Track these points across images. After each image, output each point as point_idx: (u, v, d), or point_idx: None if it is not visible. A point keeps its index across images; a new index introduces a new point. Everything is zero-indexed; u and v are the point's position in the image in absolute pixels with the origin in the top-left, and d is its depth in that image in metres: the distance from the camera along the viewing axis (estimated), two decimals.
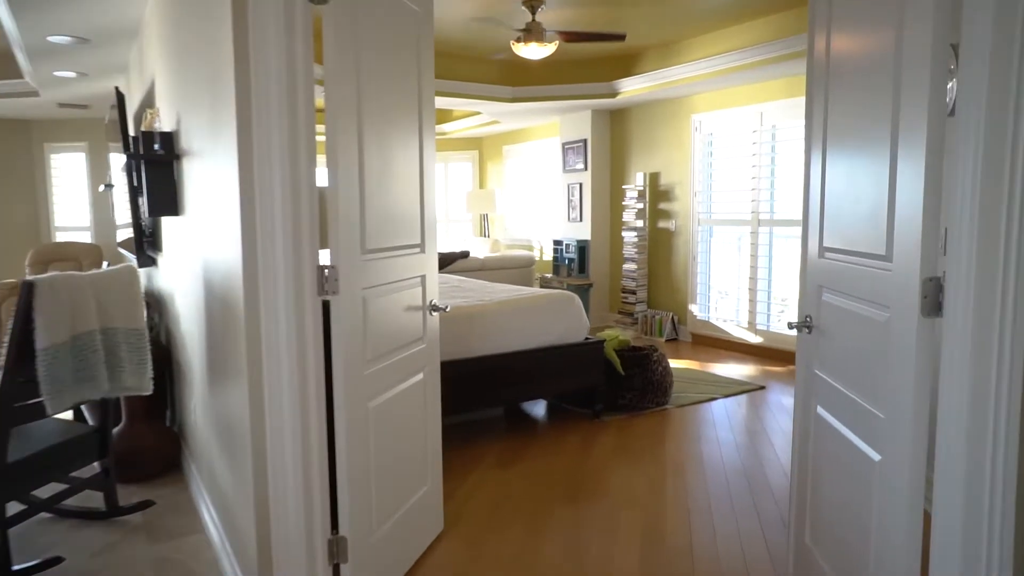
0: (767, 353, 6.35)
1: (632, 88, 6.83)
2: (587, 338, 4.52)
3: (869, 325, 1.77)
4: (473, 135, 10.24)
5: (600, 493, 3.38)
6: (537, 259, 9.38)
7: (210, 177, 2.36)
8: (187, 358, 3.21)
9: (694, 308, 7.11)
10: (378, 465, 2.35)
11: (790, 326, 2.27)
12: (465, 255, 7.81)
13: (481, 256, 8.04)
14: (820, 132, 2.14)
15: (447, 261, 7.59)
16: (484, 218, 10.09)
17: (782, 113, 6.11)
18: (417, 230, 2.61)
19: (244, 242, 1.96)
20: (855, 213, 1.86)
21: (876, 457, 1.72)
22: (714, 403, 4.94)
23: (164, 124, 3.35)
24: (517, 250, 9.07)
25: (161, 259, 4.02)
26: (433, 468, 2.82)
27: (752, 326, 6.51)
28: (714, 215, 6.95)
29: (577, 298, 4.50)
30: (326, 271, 2.03)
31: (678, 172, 7.21)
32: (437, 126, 9.94)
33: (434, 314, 2.75)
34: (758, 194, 6.37)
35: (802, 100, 5.95)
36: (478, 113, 9.02)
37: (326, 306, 2.08)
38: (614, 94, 7.05)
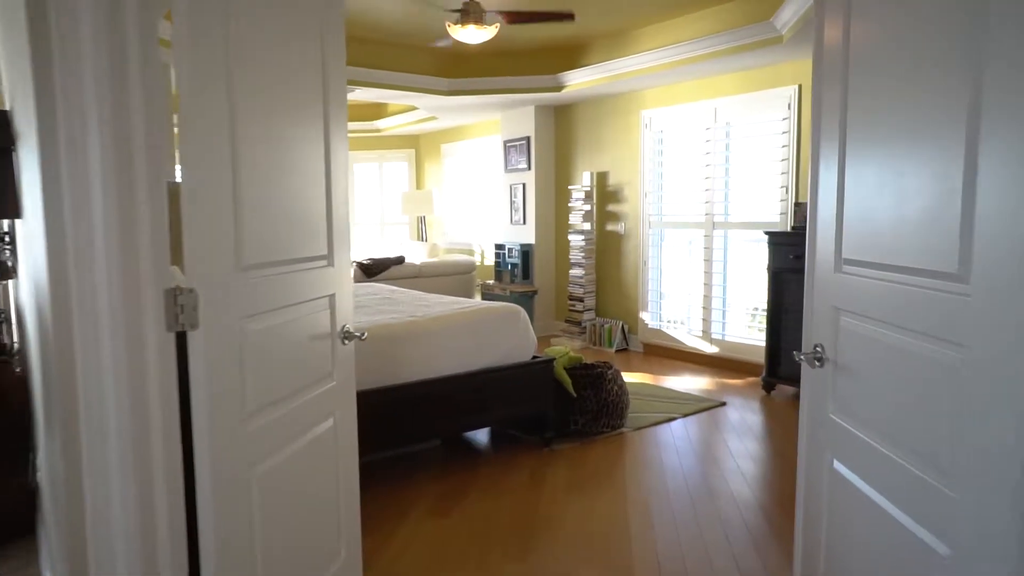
0: (724, 364, 5.98)
1: (578, 81, 6.37)
2: (535, 356, 4.01)
3: (926, 366, 1.31)
4: (409, 132, 9.65)
5: (555, 542, 2.87)
6: (478, 264, 8.85)
7: (28, 167, 1.74)
8: (35, 394, 2.55)
9: (645, 316, 6.70)
10: (268, 548, 1.77)
11: (797, 357, 1.80)
12: (400, 261, 7.23)
13: (418, 262, 7.47)
14: (835, 125, 1.69)
15: (380, 268, 6.99)
16: (422, 221, 9.50)
17: (737, 109, 5.75)
18: (323, 237, 2.05)
19: (50, 254, 1.36)
20: (898, 216, 1.40)
21: (943, 551, 1.26)
22: (673, 424, 4.50)
23: (6, 102, 2.68)
24: (457, 255, 8.52)
25: (21, 269, 3.32)
26: (349, 534, 2.26)
27: (707, 335, 6.13)
28: (665, 217, 6.56)
29: (523, 312, 3.98)
30: (179, 296, 1.45)
31: (627, 172, 6.80)
32: (370, 122, 9.31)
33: (348, 343, 2.19)
34: (712, 195, 5.99)
35: (758, 95, 5.62)
36: (414, 108, 8.45)
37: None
38: (559, 88, 6.58)
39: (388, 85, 6.35)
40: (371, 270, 6.88)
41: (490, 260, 8.53)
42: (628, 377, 5.59)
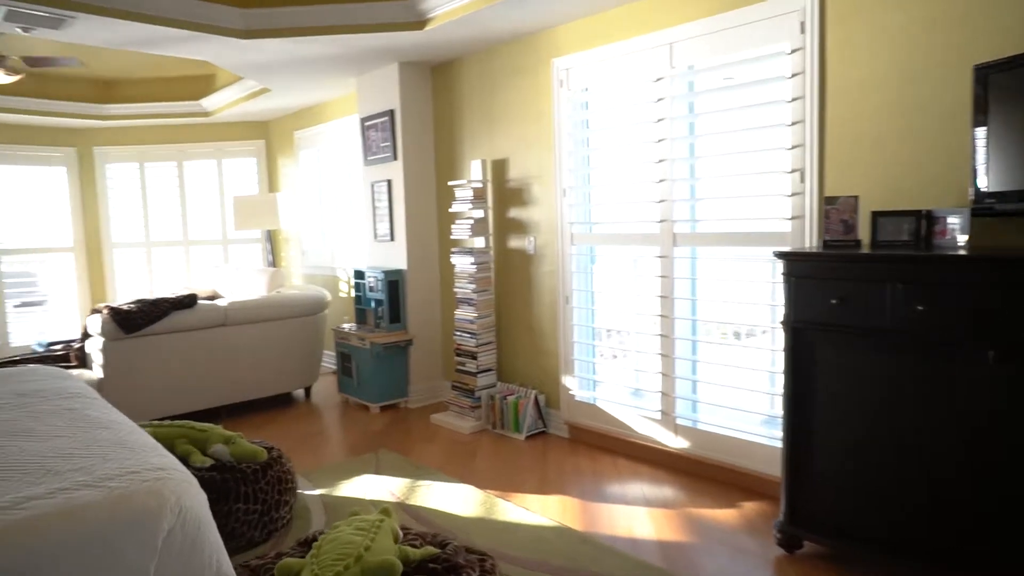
0: (699, 470, 3.58)
1: (450, 5, 3.91)
2: None
3: None
4: (252, 115, 7.04)
5: None
6: (336, 297, 6.31)
7: None
8: None
9: (571, 382, 4.27)
10: None
11: None
12: (189, 303, 4.61)
13: (225, 303, 4.86)
14: None
15: (148, 318, 4.36)
16: (268, 238, 6.90)
17: (707, 44, 3.38)
18: None
19: None
20: None
21: None
22: None
23: None
24: (310, 288, 5.92)
25: None
26: None
27: (669, 418, 3.73)
28: (597, 227, 4.16)
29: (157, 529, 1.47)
30: None
31: (536, 158, 4.38)
32: (194, 101, 6.70)
33: None
34: (671, 190, 3.62)
35: (741, 15, 3.11)
36: (238, 78, 5.91)
37: None
38: (421, 21, 4.11)
39: (127, 13, 3.77)
40: (131, 321, 4.25)
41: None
42: (534, 515, 3.13)
